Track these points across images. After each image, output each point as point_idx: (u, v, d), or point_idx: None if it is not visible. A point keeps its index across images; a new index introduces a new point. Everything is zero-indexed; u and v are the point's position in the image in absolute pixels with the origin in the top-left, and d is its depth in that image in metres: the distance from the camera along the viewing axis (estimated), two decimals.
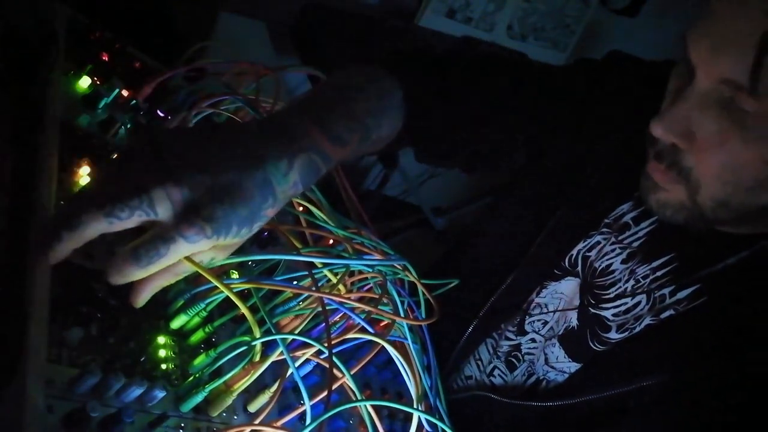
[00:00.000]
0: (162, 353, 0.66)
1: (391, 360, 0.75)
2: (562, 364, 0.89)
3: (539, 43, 2.30)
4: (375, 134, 0.75)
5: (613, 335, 0.84)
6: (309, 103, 0.71)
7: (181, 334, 0.69)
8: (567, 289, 0.91)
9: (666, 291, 0.81)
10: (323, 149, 0.67)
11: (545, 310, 0.93)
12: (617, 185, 0.89)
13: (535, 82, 0.96)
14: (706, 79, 0.67)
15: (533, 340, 0.93)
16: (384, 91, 0.78)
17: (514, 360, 0.95)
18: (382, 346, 0.71)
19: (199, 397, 0.64)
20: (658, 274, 0.82)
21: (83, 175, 0.73)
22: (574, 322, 0.89)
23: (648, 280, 0.83)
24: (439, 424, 0.70)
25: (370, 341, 0.71)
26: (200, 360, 0.67)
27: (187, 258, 0.60)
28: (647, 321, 0.82)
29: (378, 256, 0.79)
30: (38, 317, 0.57)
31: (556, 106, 0.94)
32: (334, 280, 0.74)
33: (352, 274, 0.76)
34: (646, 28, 2.37)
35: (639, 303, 0.83)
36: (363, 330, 0.71)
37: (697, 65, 0.68)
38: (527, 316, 0.94)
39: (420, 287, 0.81)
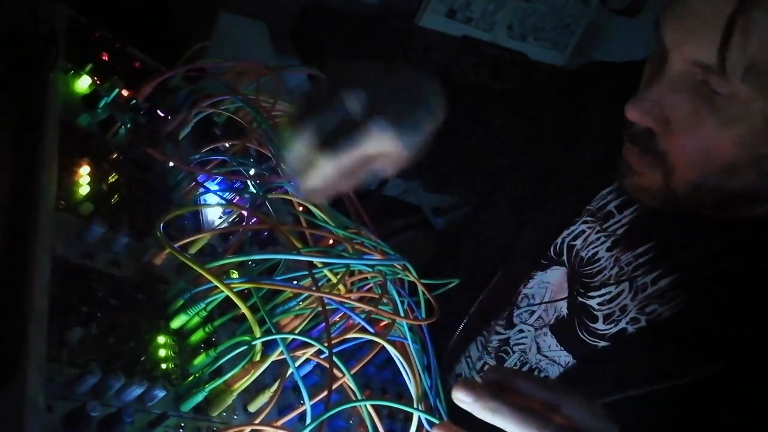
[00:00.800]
0: (162, 353, 0.66)
1: (391, 360, 0.75)
2: (553, 353, 0.89)
3: (539, 43, 2.30)
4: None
5: (600, 326, 0.85)
6: None
7: (181, 334, 0.69)
8: (553, 278, 0.92)
9: (648, 279, 0.82)
10: None
11: (533, 301, 0.93)
12: (597, 172, 0.90)
13: (525, 103, 1.03)
14: (679, 61, 0.69)
15: (521, 331, 0.94)
16: None
17: (503, 354, 0.95)
18: (382, 346, 0.71)
19: (199, 397, 0.64)
20: (641, 261, 0.83)
21: (83, 174, 0.73)
22: (565, 311, 0.89)
23: (631, 267, 0.84)
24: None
25: (370, 341, 0.71)
26: (200, 360, 0.67)
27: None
28: (632, 314, 0.82)
29: (378, 256, 0.79)
30: (38, 317, 0.57)
31: (548, 124, 0.99)
32: (334, 280, 0.74)
33: (352, 274, 0.76)
34: (646, 28, 2.37)
35: (622, 291, 0.84)
36: (363, 330, 0.71)
37: (670, 48, 0.69)
38: (515, 309, 0.95)
39: (420, 287, 0.81)
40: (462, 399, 0.56)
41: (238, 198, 0.85)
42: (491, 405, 0.55)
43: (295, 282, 0.74)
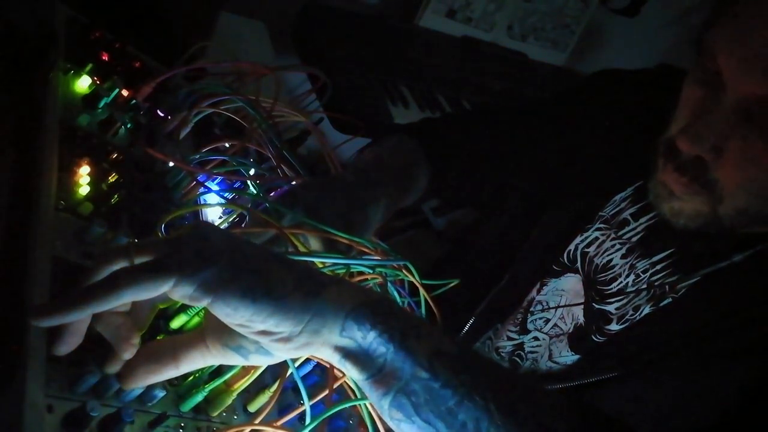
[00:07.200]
0: None
1: None
2: (564, 358, 0.89)
3: (539, 43, 2.29)
4: (412, 187, 0.91)
5: (614, 326, 0.85)
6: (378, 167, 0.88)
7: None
8: (568, 285, 0.92)
9: (666, 286, 0.82)
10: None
11: (546, 307, 0.93)
12: (608, 177, 0.90)
13: (534, 119, 1.03)
14: (740, 93, 0.65)
15: (536, 338, 0.94)
16: (414, 156, 0.93)
17: (517, 359, 0.95)
18: None
19: (199, 397, 0.64)
20: (658, 268, 0.83)
21: (83, 174, 0.73)
22: (581, 319, 0.89)
23: (648, 274, 0.84)
24: None
25: None
26: None
27: None
28: (646, 310, 0.82)
29: (378, 257, 0.79)
30: None
31: (557, 137, 0.99)
32: None
33: (352, 275, 0.76)
34: (646, 28, 2.37)
35: (639, 293, 0.84)
36: None
37: (729, 79, 0.66)
38: (529, 315, 0.95)
39: (421, 290, 0.81)
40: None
41: (238, 198, 0.85)
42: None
43: None
